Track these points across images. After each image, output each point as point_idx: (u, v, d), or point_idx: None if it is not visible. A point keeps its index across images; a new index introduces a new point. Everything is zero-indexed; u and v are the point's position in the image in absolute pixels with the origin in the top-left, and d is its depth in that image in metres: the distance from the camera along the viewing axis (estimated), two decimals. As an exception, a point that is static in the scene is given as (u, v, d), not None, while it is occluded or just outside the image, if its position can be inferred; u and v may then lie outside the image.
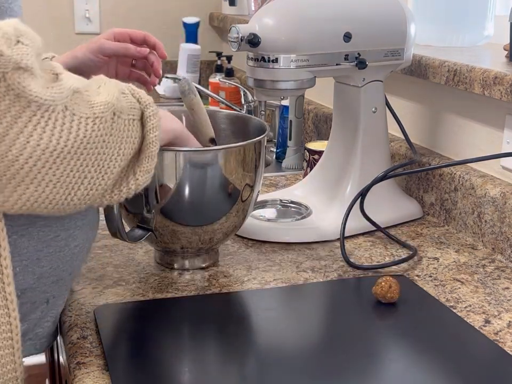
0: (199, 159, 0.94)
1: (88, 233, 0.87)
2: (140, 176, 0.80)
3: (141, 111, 0.79)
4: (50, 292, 0.84)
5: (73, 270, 0.86)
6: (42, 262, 0.80)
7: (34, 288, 0.81)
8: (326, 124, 1.66)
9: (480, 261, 1.10)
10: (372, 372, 0.78)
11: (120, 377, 0.76)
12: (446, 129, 1.31)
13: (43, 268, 0.81)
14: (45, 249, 0.80)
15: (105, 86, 0.76)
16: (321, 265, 1.06)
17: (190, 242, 0.98)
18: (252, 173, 0.99)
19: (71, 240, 0.83)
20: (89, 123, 0.71)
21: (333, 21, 1.11)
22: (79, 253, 0.85)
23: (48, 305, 0.85)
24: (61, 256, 0.82)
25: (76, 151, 0.70)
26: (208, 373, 0.78)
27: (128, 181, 0.79)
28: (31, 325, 0.83)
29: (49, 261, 0.81)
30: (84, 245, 0.86)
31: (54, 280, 0.83)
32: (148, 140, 0.79)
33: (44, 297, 0.83)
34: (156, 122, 0.80)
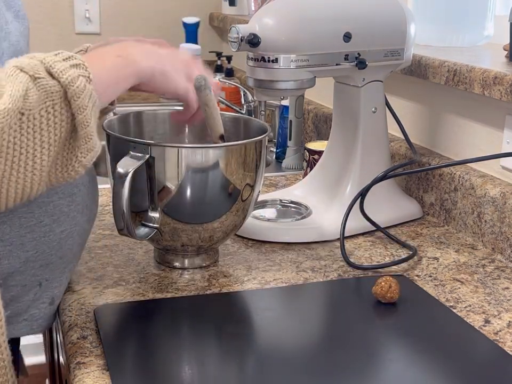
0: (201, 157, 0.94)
1: (77, 218, 0.88)
2: (83, 158, 0.77)
3: (63, 92, 0.73)
4: (41, 275, 0.87)
5: (63, 254, 0.88)
6: (27, 247, 0.83)
7: (22, 272, 0.84)
8: (326, 124, 1.66)
9: (480, 260, 1.10)
10: (371, 372, 0.78)
11: (120, 377, 0.76)
12: (446, 129, 1.31)
13: (28, 253, 0.83)
14: (28, 235, 0.83)
15: (10, 82, 0.70)
16: (321, 265, 1.06)
17: (190, 240, 0.99)
18: (253, 173, 0.99)
19: (56, 226, 0.85)
20: None
21: (333, 21, 1.11)
22: (68, 237, 0.87)
23: (42, 287, 0.87)
24: (46, 241, 0.85)
25: None
26: (208, 372, 0.78)
27: (72, 162, 0.77)
28: (24, 306, 0.86)
29: (34, 245, 0.84)
30: (72, 230, 0.87)
31: (43, 264, 0.86)
32: (78, 121, 0.74)
33: (35, 280, 0.86)
34: (82, 100, 0.74)
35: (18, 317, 0.87)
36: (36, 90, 0.72)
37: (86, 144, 0.76)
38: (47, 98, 0.72)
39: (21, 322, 0.88)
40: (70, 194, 0.86)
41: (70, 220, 0.87)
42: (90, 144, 0.77)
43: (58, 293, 0.92)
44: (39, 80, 0.72)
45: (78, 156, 0.76)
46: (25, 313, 0.88)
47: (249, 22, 1.08)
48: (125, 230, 0.92)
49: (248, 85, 1.13)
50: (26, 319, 0.88)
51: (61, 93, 0.73)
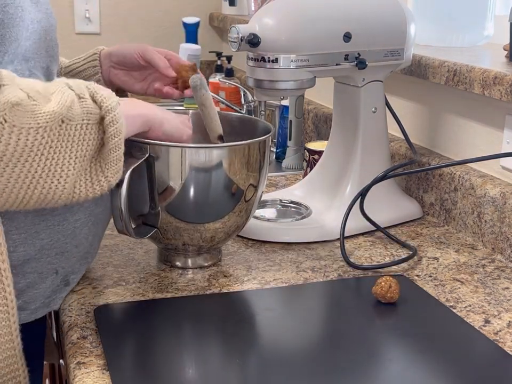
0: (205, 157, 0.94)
1: (91, 208, 0.92)
2: (111, 178, 0.83)
3: (100, 116, 0.80)
4: (57, 263, 0.90)
5: (79, 242, 0.91)
6: (41, 235, 0.87)
7: (38, 259, 0.87)
8: (326, 124, 1.66)
9: (480, 260, 1.10)
10: (371, 372, 0.78)
11: (120, 377, 0.76)
12: (446, 129, 1.31)
13: (43, 240, 0.87)
14: (42, 223, 0.86)
15: (60, 92, 0.77)
16: (321, 265, 1.06)
17: (191, 239, 0.99)
18: (256, 173, 0.99)
19: (69, 215, 0.89)
20: (31, 133, 0.74)
21: (333, 21, 1.11)
22: (82, 226, 0.91)
23: (58, 275, 0.91)
24: (60, 229, 0.88)
25: (18, 159, 0.74)
26: (208, 372, 0.78)
27: (99, 179, 0.82)
28: (41, 292, 0.90)
29: (49, 234, 0.87)
30: (87, 219, 0.91)
31: (58, 252, 0.89)
32: (109, 146, 0.81)
33: (52, 268, 0.90)
34: (116, 128, 0.81)
35: (35, 302, 0.90)
36: (79, 106, 0.78)
37: (114, 165, 0.82)
38: (85, 116, 0.79)
39: (38, 305, 0.90)
40: None
41: (84, 209, 0.90)
42: (119, 166, 0.83)
43: (74, 278, 0.95)
44: (83, 100, 0.79)
45: (107, 176, 0.82)
46: (42, 296, 0.91)
47: (249, 22, 1.08)
48: (123, 229, 0.92)
49: (248, 85, 1.13)
50: (42, 302, 0.91)
51: (98, 116, 0.80)
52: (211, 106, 1.00)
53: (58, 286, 0.92)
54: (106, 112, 0.80)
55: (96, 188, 0.82)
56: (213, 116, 1.01)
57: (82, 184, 0.81)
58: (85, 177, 0.81)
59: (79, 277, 0.96)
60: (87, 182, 0.81)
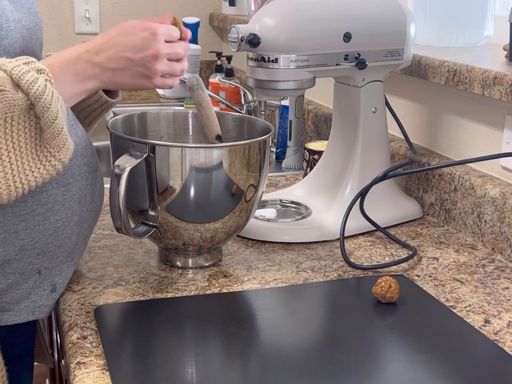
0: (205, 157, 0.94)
1: (74, 207, 0.89)
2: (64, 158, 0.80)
3: (27, 104, 0.76)
4: (40, 263, 0.88)
5: (61, 243, 0.89)
6: (21, 235, 0.85)
7: (19, 259, 0.86)
8: (326, 124, 1.66)
9: (480, 260, 1.10)
10: (371, 372, 0.78)
11: (120, 377, 0.76)
12: (446, 129, 1.31)
13: (23, 241, 0.85)
14: (22, 223, 0.85)
15: None
16: (321, 265, 1.06)
17: (191, 239, 0.99)
18: (257, 173, 0.99)
19: (50, 215, 0.87)
20: None
21: (333, 21, 1.11)
22: (64, 226, 0.89)
23: (41, 275, 0.90)
24: (40, 229, 0.86)
25: None
26: (208, 372, 0.78)
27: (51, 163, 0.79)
28: (25, 293, 0.89)
29: (29, 234, 0.86)
30: (69, 219, 0.89)
31: (40, 252, 0.87)
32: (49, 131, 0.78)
33: (34, 268, 0.88)
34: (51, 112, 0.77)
35: (19, 303, 0.89)
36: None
37: (64, 146, 0.79)
38: (8, 110, 0.75)
39: (22, 309, 0.90)
40: (64, 184, 0.88)
41: (66, 209, 0.88)
42: (67, 145, 0.80)
43: (61, 281, 0.93)
44: (3, 93, 0.74)
45: (59, 158, 0.79)
46: (26, 299, 0.90)
47: (249, 22, 1.08)
48: (122, 228, 0.92)
49: (248, 85, 1.13)
50: (27, 306, 0.90)
51: (24, 105, 0.76)
52: (208, 106, 1.00)
53: (44, 290, 0.91)
54: (36, 99, 0.76)
55: (50, 169, 0.79)
56: (210, 116, 1.01)
57: (35, 170, 0.78)
58: (34, 164, 0.78)
59: (66, 281, 0.94)
60: (38, 168, 0.78)
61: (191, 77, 0.97)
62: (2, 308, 0.88)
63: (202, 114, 1.01)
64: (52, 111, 0.77)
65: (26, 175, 0.78)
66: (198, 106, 1.00)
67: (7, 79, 0.75)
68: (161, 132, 1.11)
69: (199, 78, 0.99)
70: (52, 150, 0.79)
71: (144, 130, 1.09)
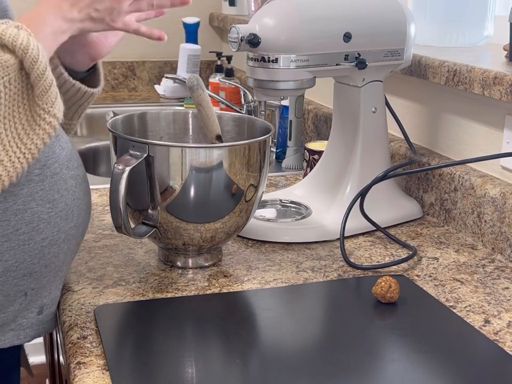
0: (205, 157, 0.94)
1: (60, 224, 0.85)
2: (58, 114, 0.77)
3: (17, 60, 0.73)
4: (26, 285, 0.84)
5: (48, 262, 0.85)
6: (5, 256, 0.80)
7: (3, 282, 0.81)
8: (326, 124, 1.66)
9: (480, 260, 1.10)
10: (371, 372, 0.78)
11: (120, 377, 0.76)
12: (446, 129, 1.31)
13: (7, 262, 0.81)
14: (5, 244, 0.80)
15: None
16: (321, 265, 1.06)
17: (192, 239, 0.99)
18: (257, 173, 0.99)
19: (35, 234, 0.82)
20: None
21: (333, 21, 1.11)
22: (51, 245, 0.84)
23: (27, 297, 0.85)
24: (26, 249, 0.82)
25: None
26: (208, 372, 0.78)
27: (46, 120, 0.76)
28: (11, 316, 0.84)
29: (13, 254, 0.81)
30: (56, 237, 0.85)
31: (25, 273, 0.83)
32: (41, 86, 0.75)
33: (20, 290, 0.84)
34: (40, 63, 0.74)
35: (4, 327, 0.85)
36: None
37: (46, 94, 0.76)
38: (3, 74, 0.72)
39: (7, 332, 0.86)
40: (50, 201, 0.83)
41: (52, 227, 0.84)
42: (52, 92, 0.76)
43: (49, 302, 0.89)
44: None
45: (44, 108, 0.76)
46: (12, 322, 0.86)
47: (249, 22, 1.08)
48: (122, 228, 0.92)
49: (248, 85, 1.14)
50: (13, 329, 0.86)
51: (15, 66, 0.73)
52: (208, 106, 1.00)
53: (31, 312, 0.87)
54: (23, 53, 0.73)
55: (46, 128, 0.76)
56: (210, 116, 1.01)
57: (30, 133, 0.75)
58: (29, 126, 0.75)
59: (54, 302, 0.91)
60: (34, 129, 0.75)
61: (191, 76, 0.98)
62: None
63: (202, 114, 1.01)
64: (41, 63, 0.74)
65: (25, 144, 0.74)
66: (198, 106, 1.00)
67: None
68: (161, 132, 1.11)
69: (199, 78, 0.99)
70: (45, 106, 0.75)
71: (144, 130, 1.09)
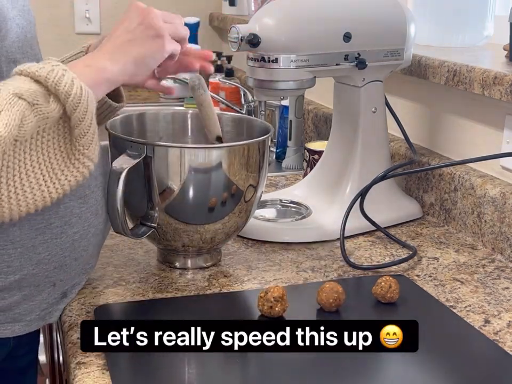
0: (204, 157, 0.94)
1: (91, 219, 0.89)
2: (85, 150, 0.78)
3: (59, 113, 0.76)
4: (56, 277, 0.87)
5: (78, 255, 0.88)
6: (38, 249, 0.84)
7: (35, 274, 0.85)
8: (326, 124, 1.66)
9: (480, 260, 1.10)
10: (371, 372, 0.78)
11: (120, 377, 0.76)
12: (446, 129, 1.31)
13: (40, 255, 0.84)
14: (39, 237, 0.83)
15: (7, 110, 0.72)
16: (321, 265, 1.06)
17: (191, 240, 0.99)
18: (256, 174, 0.99)
19: (67, 228, 0.85)
20: None
21: (333, 21, 1.11)
22: (81, 239, 0.88)
23: (56, 287, 0.89)
24: (58, 242, 0.85)
25: None
26: (207, 372, 0.78)
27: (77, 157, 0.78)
28: (37, 304, 0.87)
29: (46, 247, 0.84)
30: (86, 231, 0.88)
31: (57, 265, 0.86)
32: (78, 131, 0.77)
33: (49, 281, 0.87)
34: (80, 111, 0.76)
35: (31, 314, 0.88)
36: (32, 116, 0.73)
37: (84, 137, 0.77)
38: (41, 123, 0.75)
39: (33, 318, 0.88)
40: (81, 196, 0.87)
41: (83, 221, 0.87)
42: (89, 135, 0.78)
43: (71, 289, 0.92)
44: (36, 107, 0.74)
45: (80, 150, 0.77)
46: (38, 308, 0.89)
47: (249, 22, 1.08)
48: (120, 229, 0.92)
49: (248, 85, 1.13)
50: (38, 314, 0.89)
51: (57, 116, 0.75)
52: (209, 106, 1.00)
53: (55, 298, 0.90)
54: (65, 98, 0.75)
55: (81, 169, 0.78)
56: (211, 116, 1.01)
57: (68, 174, 0.77)
58: (66, 167, 0.77)
59: (78, 288, 0.94)
60: (71, 171, 0.78)
61: (193, 76, 0.97)
62: (15, 319, 0.86)
63: (203, 115, 1.00)
64: (82, 107, 0.76)
65: (59, 180, 0.77)
66: (199, 106, 1.00)
67: (40, 93, 0.75)
68: (160, 132, 1.11)
69: (201, 77, 0.98)
70: (81, 148, 0.78)
71: (143, 131, 1.09)
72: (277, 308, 0.87)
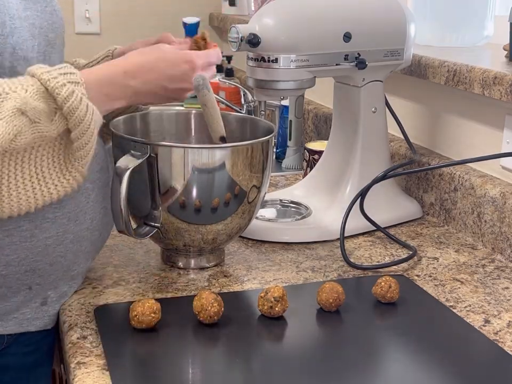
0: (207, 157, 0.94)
1: (67, 225, 0.87)
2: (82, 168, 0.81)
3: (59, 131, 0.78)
4: (29, 280, 0.87)
5: (53, 261, 0.87)
6: (5, 250, 0.83)
7: (5, 275, 0.84)
8: (326, 124, 1.66)
9: (480, 260, 1.10)
10: (372, 372, 0.78)
11: (120, 377, 0.76)
12: (446, 129, 1.31)
13: (9, 256, 0.84)
14: (6, 238, 0.83)
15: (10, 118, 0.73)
16: (321, 265, 1.06)
17: (192, 240, 0.98)
18: (259, 174, 0.99)
19: (38, 232, 0.85)
20: None
21: (333, 21, 1.11)
22: (56, 244, 0.87)
23: (32, 290, 0.88)
24: (27, 246, 0.84)
25: None
26: (207, 372, 0.78)
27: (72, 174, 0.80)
28: (14, 306, 0.88)
29: (15, 250, 0.84)
30: (62, 237, 0.87)
31: (28, 269, 0.86)
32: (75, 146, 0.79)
33: (23, 284, 0.87)
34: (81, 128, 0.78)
35: (8, 315, 0.88)
36: (29, 134, 0.75)
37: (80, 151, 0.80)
38: (38, 140, 0.76)
39: (10, 320, 0.89)
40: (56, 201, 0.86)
41: (57, 226, 0.86)
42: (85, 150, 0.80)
43: (54, 295, 0.91)
44: (36, 125, 0.75)
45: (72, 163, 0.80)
46: (16, 311, 0.89)
47: (249, 22, 1.08)
48: (123, 229, 0.92)
49: (248, 85, 1.13)
50: (16, 317, 0.89)
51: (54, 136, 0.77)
52: (213, 106, 0.99)
53: (34, 303, 0.89)
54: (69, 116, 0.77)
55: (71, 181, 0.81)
56: (215, 117, 1.00)
57: (58, 184, 0.79)
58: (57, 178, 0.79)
59: (61, 296, 0.92)
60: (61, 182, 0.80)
61: (197, 76, 0.97)
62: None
63: (207, 115, 1.00)
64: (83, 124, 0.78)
65: (49, 189, 0.79)
66: (203, 107, 0.99)
67: (44, 112, 0.76)
68: (163, 132, 1.10)
69: (206, 77, 0.98)
70: (75, 160, 0.80)
71: (146, 131, 1.09)
72: (277, 307, 0.87)
